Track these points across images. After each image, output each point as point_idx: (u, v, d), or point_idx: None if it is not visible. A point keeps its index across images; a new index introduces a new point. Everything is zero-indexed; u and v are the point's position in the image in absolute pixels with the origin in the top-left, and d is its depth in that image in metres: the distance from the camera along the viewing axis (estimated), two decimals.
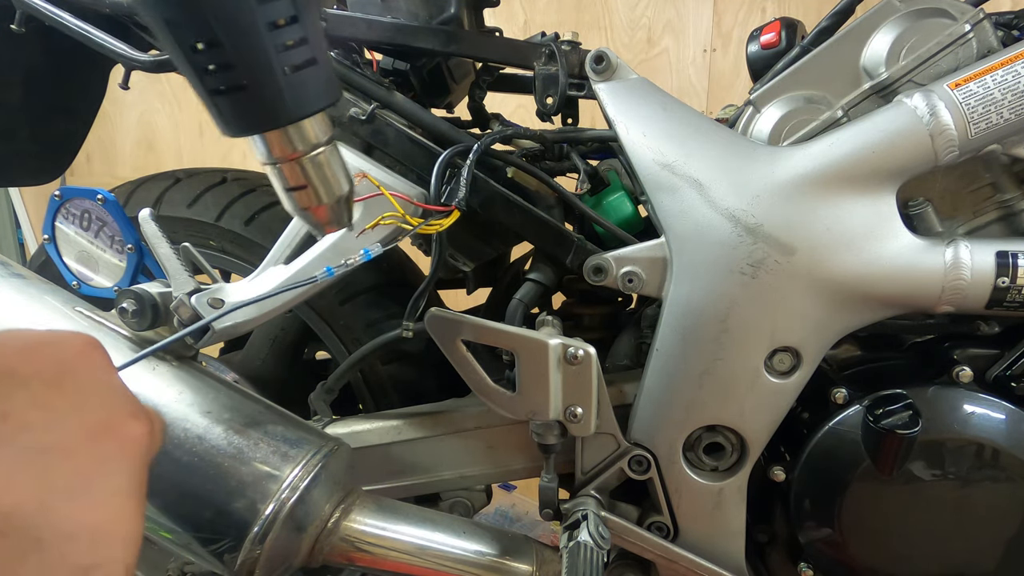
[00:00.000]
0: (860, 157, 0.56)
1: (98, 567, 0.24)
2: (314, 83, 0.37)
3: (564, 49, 0.70)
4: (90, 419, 0.26)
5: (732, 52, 1.53)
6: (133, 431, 0.27)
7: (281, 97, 0.36)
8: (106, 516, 0.25)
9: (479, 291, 0.84)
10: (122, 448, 0.26)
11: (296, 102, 0.37)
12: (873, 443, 0.58)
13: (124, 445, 0.26)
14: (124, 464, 0.26)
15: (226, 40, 0.33)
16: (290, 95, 0.37)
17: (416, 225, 0.58)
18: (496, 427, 0.71)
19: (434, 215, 0.60)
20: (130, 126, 2.35)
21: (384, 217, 0.59)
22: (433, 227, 0.59)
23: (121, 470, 0.26)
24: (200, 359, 0.67)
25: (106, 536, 0.24)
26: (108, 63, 0.88)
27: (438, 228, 0.59)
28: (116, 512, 0.25)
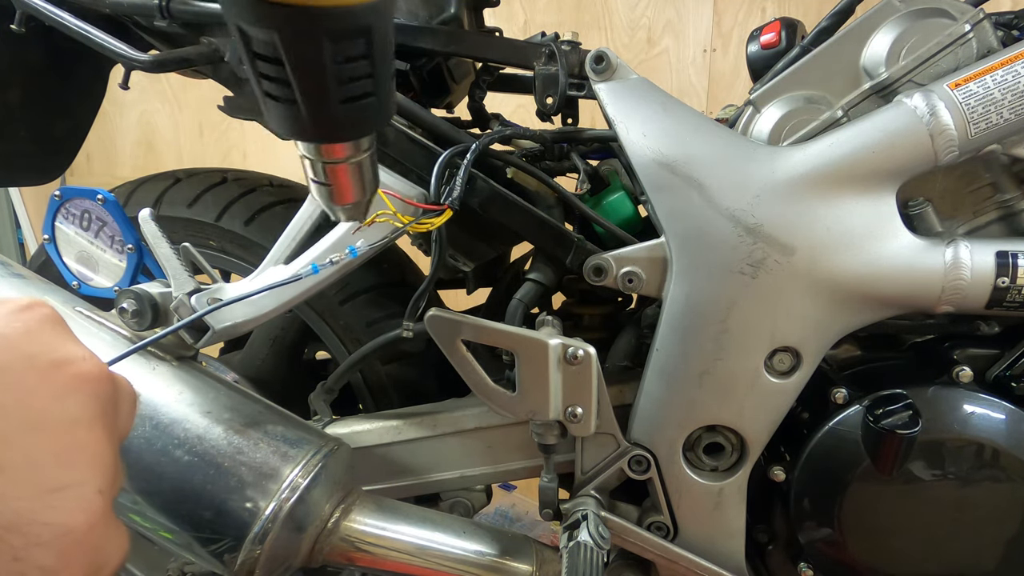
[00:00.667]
0: (860, 157, 0.56)
1: (65, 488, 0.25)
2: (368, 111, 0.36)
3: (564, 49, 0.70)
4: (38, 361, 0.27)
5: (732, 52, 1.53)
6: (85, 368, 0.28)
7: (331, 121, 0.35)
8: (68, 442, 0.26)
9: (479, 291, 0.84)
10: (76, 382, 0.27)
11: (345, 127, 0.37)
12: (873, 443, 0.58)
13: (77, 379, 0.27)
14: (80, 396, 0.27)
15: (288, 61, 0.32)
16: (341, 120, 0.36)
17: (407, 223, 0.58)
18: (496, 427, 0.71)
19: (426, 213, 0.60)
20: (130, 126, 2.35)
21: (378, 215, 0.59)
22: (424, 226, 0.59)
23: (78, 401, 0.27)
24: (200, 359, 0.67)
25: (70, 460, 0.25)
26: (108, 63, 0.88)
27: (430, 227, 0.59)
28: (78, 438, 0.26)
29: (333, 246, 0.64)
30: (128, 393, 0.32)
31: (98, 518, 0.26)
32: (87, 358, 0.29)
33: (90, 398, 0.27)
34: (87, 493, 0.26)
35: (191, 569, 0.80)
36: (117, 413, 0.30)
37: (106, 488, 0.26)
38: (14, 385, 0.25)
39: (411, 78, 0.82)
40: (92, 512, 0.25)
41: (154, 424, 0.55)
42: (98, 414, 0.28)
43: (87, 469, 0.26)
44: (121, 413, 0.30)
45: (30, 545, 0.23)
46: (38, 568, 0.24)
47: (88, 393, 0.28)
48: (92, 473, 0.26)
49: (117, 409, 0.30)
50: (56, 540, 0.24)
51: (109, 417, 0.28)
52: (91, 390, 0.28)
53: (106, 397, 0.29)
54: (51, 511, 0.24)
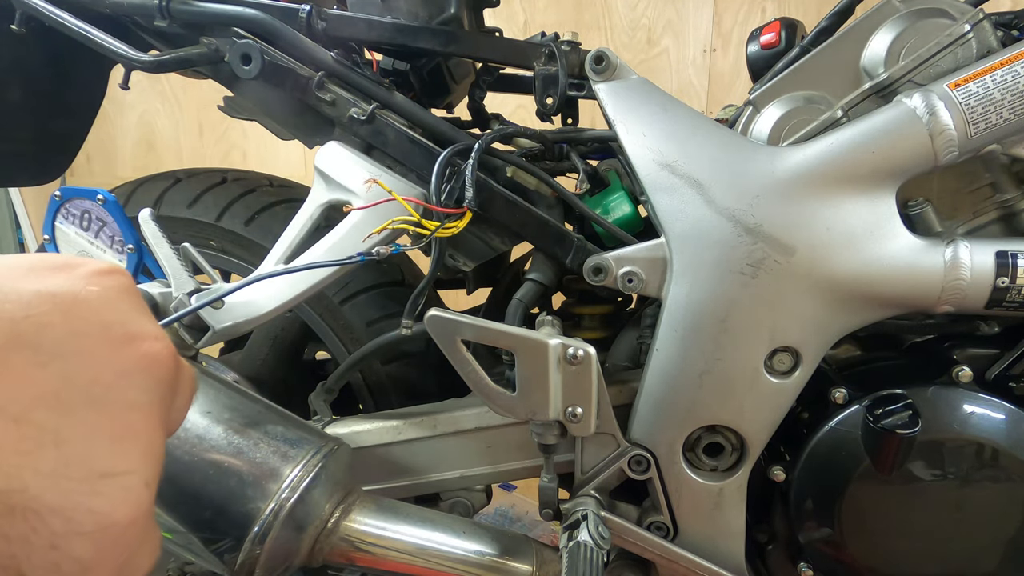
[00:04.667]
0: (860, 157, 0.56)
1: (115, 475, 0.23)
2: None
3: (564, 49, 0.70)
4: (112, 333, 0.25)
5: (732, 52, 1.53)
6: (155, 348, 0.26)
7: None
8: (124, 426, 0.24)
9: (479, 291, 0.84)
10: (144, 361, 0.25)
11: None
12: (873, 443, 0.58)
13: (146, 358, 0.26)
14: (144, 378, 0.25)
15: None
16: None
17: (433, 230, 0.58)
18: (496, 427, 0.71)
19: (449, 217, 0.60)
20: (130, 126, 2.35)
21: (394, 221, 0.59)
22: (450, 230, 0.59)
23: (141, 383, 0.25)
24: (200, 359, 0.67)
25: (123, 446, 0.24)
26: (108, 63, 0.88)
27: (455, 231, 0.60)
28: (134, 423, 0.24)
29: (333, 247, 0.64)
30: (189, 384, 0.30)
31: (141, 513, 0.24)
32: (159, 338, 0.27)
33: (154, 382, 0.26)
34: (135, 484, 0.24)
35: (191, 569, 0.80)
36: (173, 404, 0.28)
37: (152, 482, 0.25)
38: (86, 353, 0.24)
39: (411, 78, 0.82)
40: (137, 505, 0.24)
41: None
42: (156, 400, 0.26)
43: (138, 458, 0.24)
44: (176, 405, 0.28)
45: (71, 533, 0.22)
46: (74, 560, 0.22)
47: (153, 376, 0.26)
48: (143, 463, 0.24)
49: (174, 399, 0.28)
50: (97, 531, 0.22)
51: (165, 406, 0.27)
52: (156, 373, 0.26)
53: (167, 384, 0.27)
54: (98, 498, 0.22)
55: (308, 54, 0.68)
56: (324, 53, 0.68)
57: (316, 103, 0.68)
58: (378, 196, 0.61)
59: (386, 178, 0.64)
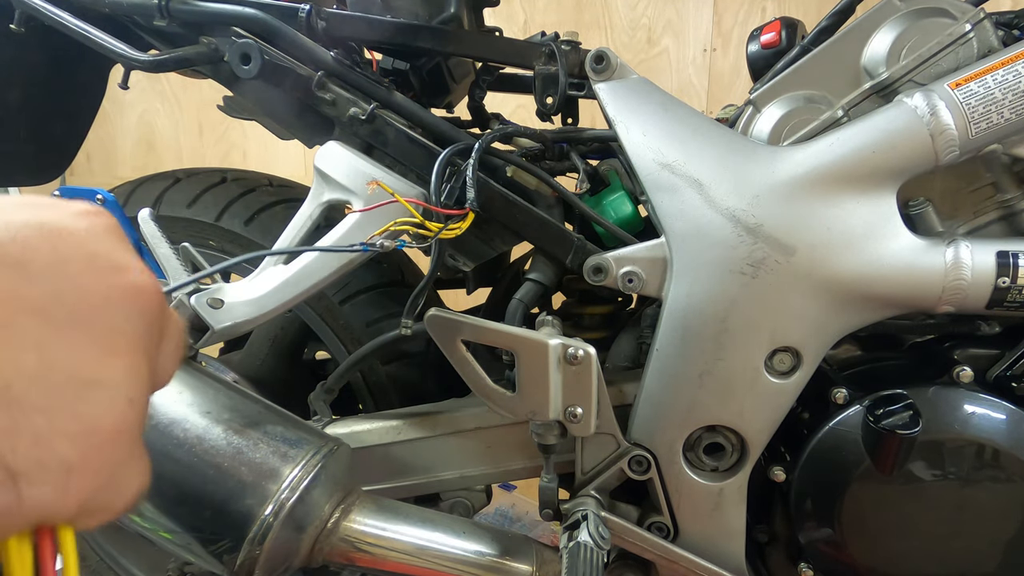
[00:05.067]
0: (860, 157, 0.56)
1: (99, 385, 0.24)
2: None
3: (564, 49, 0.70)
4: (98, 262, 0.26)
5: (732, 52, 1.53)
6: (140, 280, 0.27)
7: None
8: (108, 346, 0.25)
9: (479, 291, 0.84)
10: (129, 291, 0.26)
11: None
12: (873, 443, 0.58)
13: (131, 289, 0.26)
14: (129, 307, 0.26)
15: None
16: None
17: (436, 231, 0.58)
18: (496, 427, 0.71)
19: (451, 219, 0.60)
20: (130, 126, 2.35)
21: (397, 223, 0.59)
22: (453, 231, 0.59)
23: (125, 311, 0.26)
24: (200, 359, 0.67)
25: (108, 361, 0.24)
26: (107, 63, 0.88)
27: (457, 232, 0.59)
28: (118, 346, 0.25)
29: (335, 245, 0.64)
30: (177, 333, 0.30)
31: (125, 428, 0.25)
32: (143, 271, 0.27)
33: (138, 312, 0.26)
34: (118, 398, 0.24)
35: (191, 569, 0.80)
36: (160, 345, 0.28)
37: (137, 401, 0.25)
38: (73, 275, 0.24)
39: (411, 78, 0.82)
40: (121, 417, 0.24)
41: (153, 424, 0.55)
42: (140, 331, 0.26)
43: (122, 375, 0.25)
44: (164, 351, 0.29)
45: (54, 432, 0.22)
46: (58, 459, 0.23)
47: (137, 306, 0.26)
48: (126, 380, 0.25)
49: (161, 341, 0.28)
50: (80, 435, 0.23)
51: (151, 341, 0.27)
52: (141, 304, 0.26)
53: (152, 317, 0.27)
54: (81, 403, 0.23)
55: (308, 53, 0.68)
56: (324, 52, 0.68)
57: (316, 103, 0.68)
58: (380, 197, 0.61)
59: (387, 179, 0.63)
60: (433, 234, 0.58)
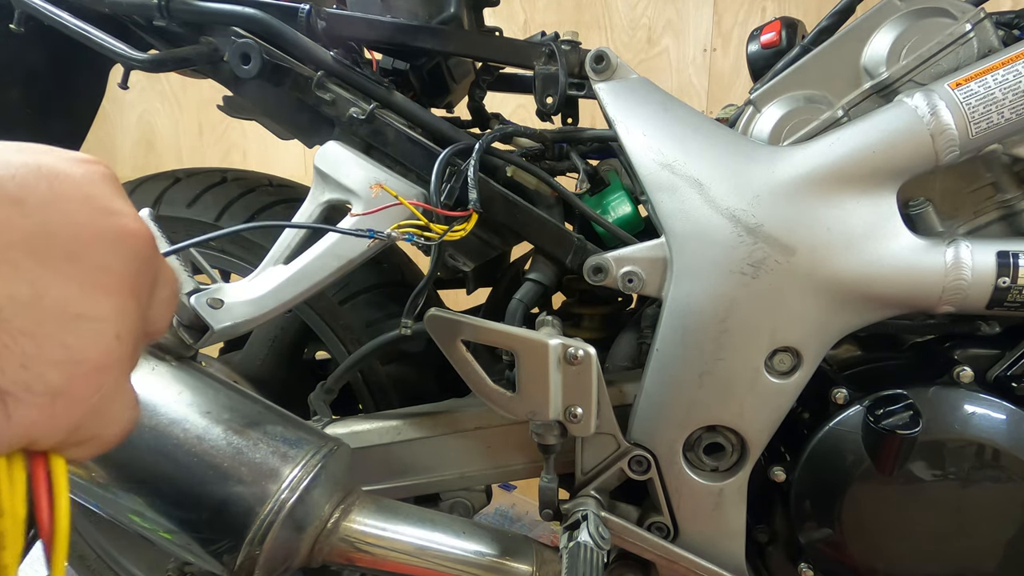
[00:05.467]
0: (861, 157, 0.56)
1: (87, 318, 0.25)
2: None
3: (564, 49, 0.70)
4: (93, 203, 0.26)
5: (732, 52, 1.53)
6: (133, 224, 0.27)
7: None
8: (98, 282, 0.25)
9: (479, 291, 0.84)
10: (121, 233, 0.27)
11: None
12: (873, 443, 0.58)
13: (123, 231, 0.27)
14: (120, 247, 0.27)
15: None
16: None
17: (442, 233, 0.58)
18: (496, 427, 0.71)
19: (456, 221, 0.60)
20: (130, 126, 2.35)
21: (401, 226, 0.59)
22: (458, 233, 0.59)
23: (116, 251, 0.26)
24: (200, 359, 0.67)
25: (97, 296, 0.25)
26: (107, 63, 0.88)
27: (462, 234, 0.59)
28: (107, 283, 0.26)
29: (332, 247, 0.64)
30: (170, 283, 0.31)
31: (112, 361, 0.25)
32: (136, 217, 0.28)
33: (130, 253, 0.27)
34: (106, 331, 0.25)
35: (191, 569, 0.80)
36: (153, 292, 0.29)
37: (125, 337, 0.26)
38: (67, 213, 0.25)
39: (411, 78, 0.82)
40: (107, 352, 0.25)
41: (153, 424, 0.55)
42: (130, 272, 0.27)
43: (111, 310, 0.25)
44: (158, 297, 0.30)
45: (41, 358, 0.23)
46: (44, 384, 0.23)
47: (129, 247, 0.27)
48: (115, 316, 0.26)
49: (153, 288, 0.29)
50: (67, 363, 0.24)
51: (141, 284, 0.28)
52: (133, 246, 0.27)
53: (143, 261, 0.28)
54: (69, 334, 0.24)
55: (308, 53, 0.68)
56: (324, 52, 0.68)
57: (316, 103, 0.68)
58: (383, 200, 0.61)
59: (388, 180, 0.63)
60: (439, 236, 0.58)
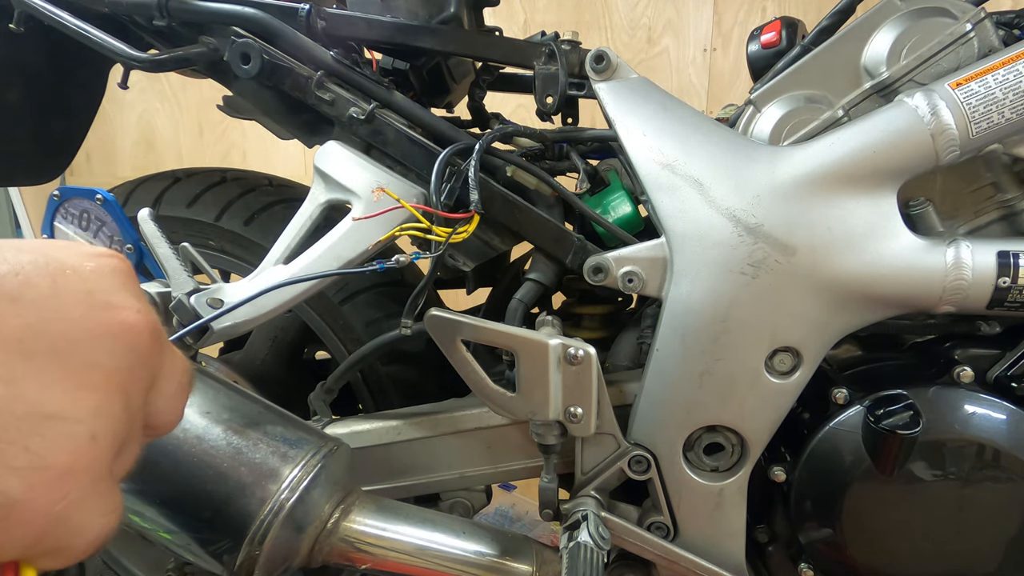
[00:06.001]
0: (861, 157, 0.56)
1: (59, 419, 0.24)
2: None
3: (564, 48, 0.70)
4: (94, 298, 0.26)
5: (732, 52, 1.53)
6: (132, 318, 0.27)
7: None
8: (79, 380, 0.25)
9: (479, 291, 0.84)
10: (117, 327, 0.26)
11: None
12: (874, 443, 0.58)
13: (120, 325, 0.26)
14: (113, 343, 0.26)
15: None
16: None
17: (447, 236, 0.58)
18: (496, 427, 0.71)
19: (458, 223, 0.59)
20: (130, 126, 2.35)
21: (403, 228, 0.59)
22: (461, 235, 0.59)
23: (109, 346, 0.26)
24: (200, 359, 0.66)
25: (76, 395, 0.24)
26: (107, 62, 0.88)
27: (465, 235, 0.59)
28: (91, 380, 0.25)
29: (332, 248, 0.64)
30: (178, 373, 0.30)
31: (83, 465, 0.24)
32: (140, 311, 0.27)
33: (123, 348, 0.26)
34: (80, 433, 0.24)
35: (191, 569, 0.80)
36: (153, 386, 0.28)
37: (102, 439, 0.25)
38: (63, 309, 0.25)
39: (411, 77, 0.82)
40: (77, 454, 0.24)
41: None
42: (123, 367, 0.26)
43: (88, 411, 0.24)
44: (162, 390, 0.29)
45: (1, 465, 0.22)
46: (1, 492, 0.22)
47: (123, 343, 0.26)
48: (92, 417, 0.24)
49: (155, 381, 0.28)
50: (29, 470, 0.23)
51: (135, 376, 0.27)
52: (127, 341, 0.26)
53: (141, 355, 0.27)
54: (36, 438, 0.23)
55: (307, 53, 0.68)
56: (323, 52, 0.68)
57: (315, 102, 0.68)
58: (385, 203, 0.61)
59: (388, 181, 0.63)
60: (444, 239, 0.58)
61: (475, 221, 0.60)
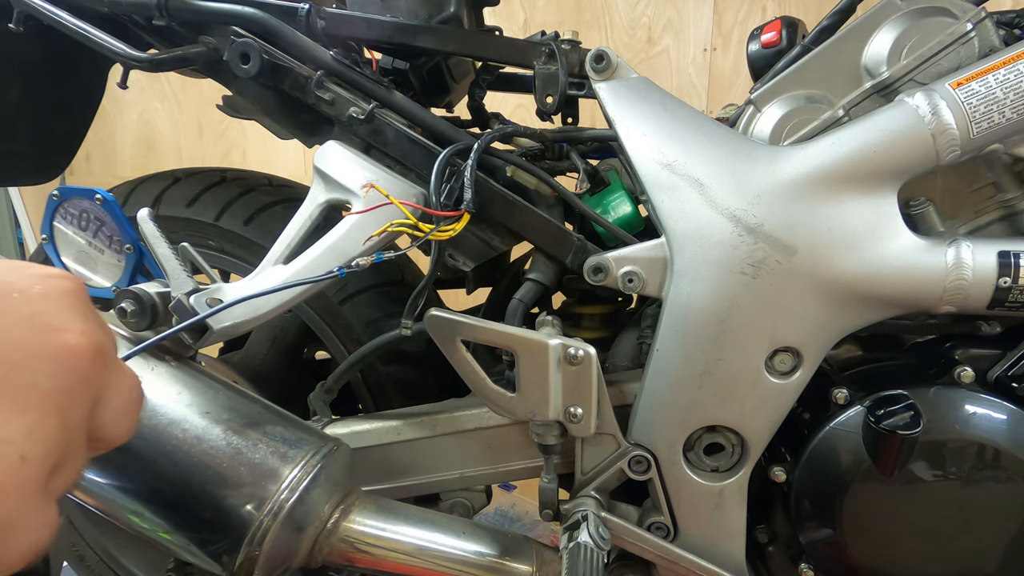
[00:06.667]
0: (861, 157, 0.56)
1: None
2: None
3: (564, 48, 0.70)
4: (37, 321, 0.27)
5: (732, 51, 1.53)
6: (73, 340, 0.27)
7: None
8: (17, 403, 0.25)
9: (479, 291, 0.84)
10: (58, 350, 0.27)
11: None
12: (874, 444, 0.58)
13: (61, 348, 0.27)
14: (53, 365, 0.26)
15: None
16: None
17: (428, 231, 0.58)
18: (496, 427, 0.71)
19: (444, 220, 0.59)
20: (130, 126, 2.35)
21: (392, 224, 0.59)
22: (447, 232, 0.59)
23: (47, 368, 0.26)
24: (199, 359, 0.66)
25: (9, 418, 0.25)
26: (107, 62, 0.88)
27: (452, 234, 0.59)
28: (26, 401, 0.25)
29: (332, 247, 0.63)
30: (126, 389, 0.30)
31: (12, 485, 0.24)
32: (84, 333, 0.28)
33: (62, 370, 0.27)
34: (8, 454, 0.24)
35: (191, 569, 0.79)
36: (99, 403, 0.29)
37: (33, 459, 0.25)
38: (3, 331, 0.25)
39: (411, 77, 0.82)
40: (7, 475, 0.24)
41: (152, 425, 0.55)
42: (63, 388, 0.26)
43: (20, 432, 0.25)
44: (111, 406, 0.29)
45: None
46: None
47: (63, 365, 0.27)
48: (24, 438, 0.25)
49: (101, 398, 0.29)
50: None
51: (75, 397, 0.27)
52: (67, 363, 0.27)
53: (82, 375, 0.27)
54: None
55: (307, 53, 0.67)
56: (323, 52, 0.68)
57: (315, 102, 0.68)
58: (376, 200, 0.61)
59: (384, 180, 0.63)
60: (424, 235, 0.58)
61: (464, 219, 0.59)
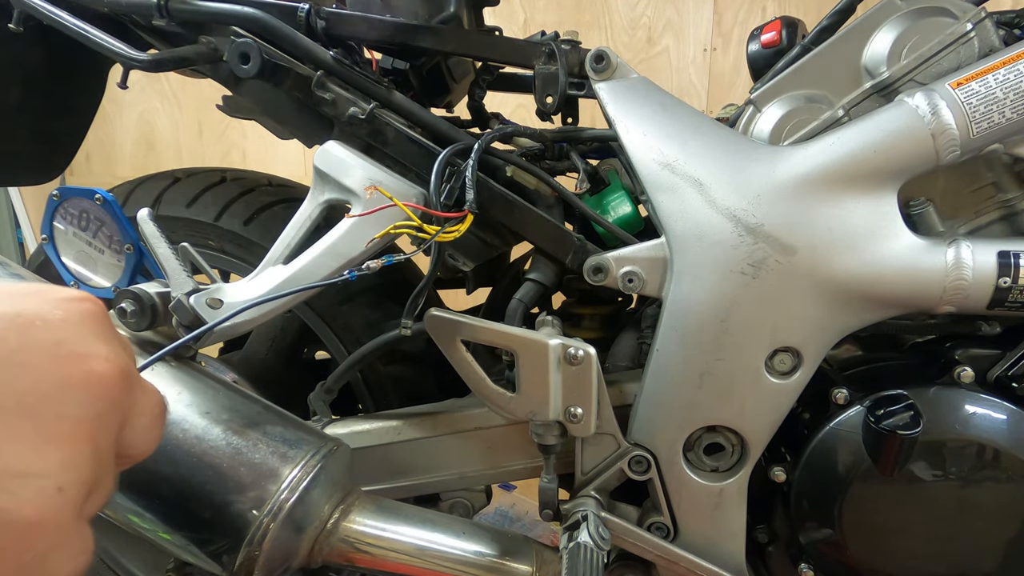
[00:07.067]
0: (861, 157, 0.56)
1: (27, 476, 0.24)
2: None
3: (564, 48, 0.70)
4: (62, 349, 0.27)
5: (732, 51, 1.53)
6: (100, 367, 0.27)
7: None
8: (48, 433, 0.25)
9: (479, 291, 0.84)
10: (87, 377, 0.27)
11: None
12: (874, 444, 0.58)
13: (89, 375, 0.27)
14: (83, 393, 0.27)
15: None
16: None
17: (434, 234, 0.58)
18: (496, 427, 0.71)
19: (449, 221, 0.59)
20: (130, 126, 2.35)
21: (396, 226, 0.59)
22: (452, 234, 0.59)
23: (78, 397, 0.26)
24: (199, 359, 0.66)
25: (44, 450, 0.25)
26: (106, 62, 0.88)
27: (456, 234, 0.59)
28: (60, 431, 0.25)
29: (332, 247, 0.63)
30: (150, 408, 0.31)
31: (50, 516, 0.24)
32: (109, 359, 0.28)
33: (92, 398, 0.27)
34: (48, 487, 0.24)
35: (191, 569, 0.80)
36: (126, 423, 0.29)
37: (69, 488, 0.25)
38: (30, 365, 0.25)
39: (411, 77, 0.82)
40: (45, 508, 0.24)
41: None
42: (92, 416, 0.27)
43: (56, 464, 0.25)
44: (137, 426, 0.29)
45: None
46: None
47: (92, 392, 0.27)
48: (60, 469, 0.25)
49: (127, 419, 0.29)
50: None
51: (105, 422, 0.27)
52: (96, 390, 0.27)
53: (111, 401, 0.28)
54: (3, 494, 0.23)
55: (307, 53, 0.67)
56: (323, 52, 0.68)
57: (315, 102, 0.68)
58: (379, 201, 0.61)
59: (386, 181, 0.63)
60: (430, 237, 0.58)
61: (468, 220, 0.59)
